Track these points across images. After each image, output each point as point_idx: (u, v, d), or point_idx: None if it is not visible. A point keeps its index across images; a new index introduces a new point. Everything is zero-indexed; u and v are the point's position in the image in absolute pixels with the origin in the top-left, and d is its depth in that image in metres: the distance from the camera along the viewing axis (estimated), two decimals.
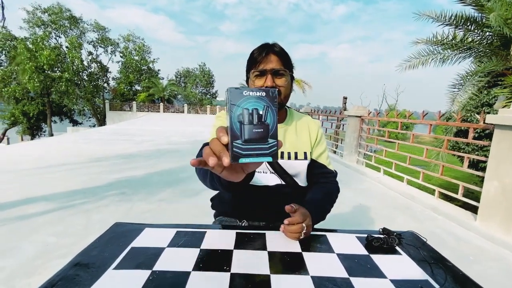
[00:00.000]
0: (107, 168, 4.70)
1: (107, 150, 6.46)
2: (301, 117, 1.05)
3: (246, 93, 0.43)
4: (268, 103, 0.44)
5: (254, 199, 0.96)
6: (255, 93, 0.43)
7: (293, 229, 0.75)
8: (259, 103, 0.44)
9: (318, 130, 1.04)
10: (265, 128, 0.44)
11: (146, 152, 6.52)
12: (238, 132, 0.43)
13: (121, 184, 3.79)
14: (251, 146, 0.44)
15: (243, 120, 0.43)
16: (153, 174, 4.44)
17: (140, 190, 3.57)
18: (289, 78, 0.91)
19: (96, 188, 3.56)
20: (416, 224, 2.93)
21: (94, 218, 2.64)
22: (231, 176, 0.52)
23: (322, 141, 1.04)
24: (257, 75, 0.89)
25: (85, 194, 3.33)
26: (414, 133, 4.13)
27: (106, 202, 3.10)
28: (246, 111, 0.43)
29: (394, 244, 0.77)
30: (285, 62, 0.89)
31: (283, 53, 0.89)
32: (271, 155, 0.45)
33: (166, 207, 3.04)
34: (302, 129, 1.02)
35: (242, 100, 0.43)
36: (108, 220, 2.58)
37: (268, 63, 0.87)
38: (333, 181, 1.02)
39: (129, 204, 3.05)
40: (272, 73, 0.87)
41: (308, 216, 0.79)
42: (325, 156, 1.03)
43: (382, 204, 3.53)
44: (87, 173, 4.32)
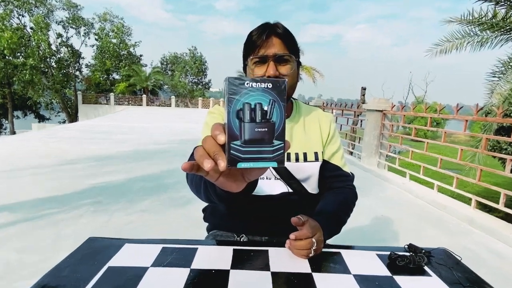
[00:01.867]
0: (80, 172, 4.71)
1: (80, 151, 6.47)
2: (310, 110, 1.05)
3: (249, 84, 0.41)
4: (275, 96, 0.42)
5: (254, 210, 0.95)
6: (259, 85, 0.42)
7: (301, 245, 0.74)
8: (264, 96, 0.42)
9: (331, 124, 1.03)
10: (270, 127, 0.43)
11: (126, 153, 6.52)
12: (237, 131, 0.42)
13: (96, 191, 3.80)
14: (253, 149, 0.42)
15: (244, 117, 0.42)
16: (134, 179, 4.45)
17: (119, 199, 3.57)
18: (295, 65, 0.90)
19: (67, 196, 3.57)
20: (449, 239, 2.92)
21: (65, 231, 2.65)
22: (229, 185, 0.50)
23: (336, 137, 1.04)
24: (257, 62, 0.88)
25: (54, 203, 3.34)
26: (446, 130, 4.12)
27: (79, 212, 3.10)
28: (247, 106, 0.42)
29: (422, 263, 0.76)
30: (290, 46, 0.88)
31: (287, 34, 0.88)
32: (276, 160, 0.43)
33: (150, 219, 3.04)
34: (311, 125, 1.01)
35: (243, 93, 0.41)
36: (81, 234, 2.58)
37: (269, 47, 0.86)
38: (349, 185, 1.01)
39: (106, 215, 3.06)
40: (274, 59, 0.86)
41: (319, 230, 0.78)
42: (339, 156, 1.03)
43: (408, 216, 3.52)
44: (56, 178, 4.33)
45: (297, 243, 0.75)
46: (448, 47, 5.25)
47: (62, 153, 6.21)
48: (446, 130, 4.11)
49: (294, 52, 0.89)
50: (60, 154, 6.09)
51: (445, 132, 4.08)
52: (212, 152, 0.43)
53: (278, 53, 0.86)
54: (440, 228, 3.19)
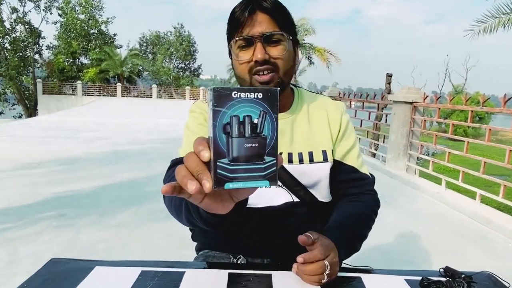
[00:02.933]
0: (40, 179, 4.71)
1: (40, 153, 6.47)
2: (316, 99, 1.05)
3: (236, 94, 0.44)
4: (266, 107, 0.45)
5: (253, 227, 0.95)
6: (248, 94, 0.44)
7: (311, 270, 0.74)
8: (254, 108, 0.45)
9: (342, 115, 1.03)
10: (261, 142, 0.46)
11: (98, 155, 6.53)
12: (224, 148, 0.44)
13: (61, 202, 3.79)
14: (241, 167, 0.45)
15: (232, 132, 0.44)
16: (108, 187, 4.45)
17: (89, 211, 3.57)
18: (289, 45, 0.89)
19: (25, 208, 3.57)
20: (495, 262, 2.92)
21: (22, 251, 2.64)
22: (215, 207, 0.52)
23: (350, 132, 1.03)
24: (242, 46, 0.88)
25: (8, 215, 3.34)
26: (492, 127, 4.11)
27: (39, 227, 3.09)
28: (235, 119, 0.44)
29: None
30: (281, 21, 0.88)
31: (277, 7, 0.88)
32: (268, 178, 0.46)
33: (126, 236, 3.03)
34: (317, 117, 1.01)
35: (230, 104, 0.44)
36: (42, 254, 2.58)
37: (255, 25, 0.85)
38: (369, 191, 1.01)
39: (72, 231, 3.05)
40: (262, 39, 0.85)
41: (333, 250, 0.78)
42: (355, 155, 1.02)
43: (444, 232, 3.51)
44: (12, 186, 4.33)
45: (306, 267, 0.74)
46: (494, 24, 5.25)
47: (19, 155, 6.22)
48: (491, 127, 4.11)
49: (286, 29, 0.89)
50: (16, 156, 6.10)
51: (490, 129, 4.08)
52: (196, 171, 0.45)
53: (266, 31, 0.85)
54: (483, 248, 3.18)
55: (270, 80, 0.87)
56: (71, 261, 0.84)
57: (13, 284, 0.75)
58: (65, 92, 26.71)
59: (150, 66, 32.40)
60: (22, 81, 26.87)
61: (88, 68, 29.13)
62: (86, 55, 30.08)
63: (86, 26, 28.80)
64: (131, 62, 30.44)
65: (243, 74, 0.89)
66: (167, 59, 34.45)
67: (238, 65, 0.89)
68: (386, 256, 2.87)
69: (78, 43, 28.40)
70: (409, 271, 0.85)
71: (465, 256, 3.00)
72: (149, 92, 29.23)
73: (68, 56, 28.94)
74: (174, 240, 2.88)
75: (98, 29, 30.09)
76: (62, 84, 27.14)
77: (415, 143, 5.72)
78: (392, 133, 5.96)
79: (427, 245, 3.16)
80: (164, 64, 33.48)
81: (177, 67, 35.63)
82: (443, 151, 4.88)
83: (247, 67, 0.87)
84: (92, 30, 29.68)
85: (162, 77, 32.66)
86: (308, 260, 0.73)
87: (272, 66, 0.87)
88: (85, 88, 27.15)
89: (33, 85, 26.66)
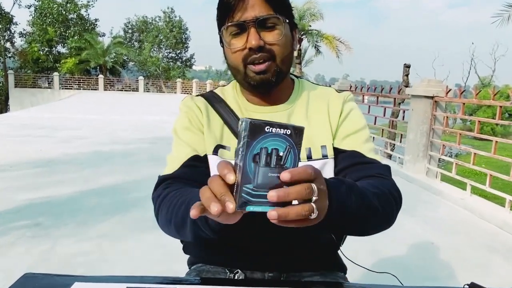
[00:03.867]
0: (12, 183, 4.70)
1: (12, 154, 6.46)
2: (318, 90, 1.06)
3: (269, 129, 0.54)
4: (292, 143, 0.56)
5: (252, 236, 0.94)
6: (278, 130, 0.55)
7: (297, 192, 0.55)
8: (281, 142, 0.55)
9: (345, 103, 1.02)
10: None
11: (77, 156, 6.52)
12: (251, 175, 0.54)
13: (35, 209, 3.79)
14: (263, 193, 0.54)
15: (259, 162, 0.55)
16: (88, 193, 4.44)
17: (67, 220, 3.56)
18: (285, 29, 0.91)
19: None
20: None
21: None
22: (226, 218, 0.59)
23: (354, 117, 1.01)
24: (234, 33, 0.89)
25: None
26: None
27: (11, 238, 3.08)
28: (264, 150, 0.54)
29: None
30: (276, 3, 0.89)
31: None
32: (284, 205, 0.56)
33: (109, 248, 3.02)
34: (317, 109, 1.01)
35: (261, 138, 0.54)
36: (14, 268, 2.56)
37: (246, 9, 0.86)
38: (381, 174, 0.92)
39: (48, 243, 3.04)
40: (256, 24, 0.86)
41: (321, 176, 0.62)
42: (360, 139, 0.97)
43: (469, 244, 3.51)
44: None
45: (290, 190, 0.54)
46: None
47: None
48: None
49: (282, 11, 0.90)
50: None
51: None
52: (220, 193, 0.54)
53: (260, 15, 0.86)
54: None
55: (266, 70, 0.88)
56: (47, 276, 0.84)
57: None
58: (40, 85, 26.74)
59: (136, 55, 32.41)
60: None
61: (66, 58, 29.15)
62: (64, 43, 30.10)
63: (63, 10, 28.84)
64: (115, 51, 30.45)
65: (236, 64, 0.91)
66: (156, 47, 34.47)
67: (230, 54, 0.91)
68: (405, 270, 2.87)
69: (55, 30, 28.42)
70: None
71: (493, 271, 3.00)
72: (135, 85, 29.24)
73: (43, 45, 28.96)
74: (163, 252, 2.87)
75: (77, 14, 30.12)
76: (36, 76, 27.16)
77: (436, 142, 5.72)
78: (411, 131, 5.96)
79: (450, 258, 3.15)
80: (152, 53, 33.50)
81: (167, 56, 35.66)
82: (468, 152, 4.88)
83: (241, 55, 0.89)
84: (70, 15, 29.71)
85: (150, 68, 32.66)
86: (292, 178, 0.54)
87: (268, 54, 0.88)
88: (63, 80, 27.16)
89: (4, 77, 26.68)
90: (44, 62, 28.91)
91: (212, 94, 1.06)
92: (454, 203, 4.69)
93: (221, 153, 0.97)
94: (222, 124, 1.00)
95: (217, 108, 1.02)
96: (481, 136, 5.52)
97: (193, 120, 1.00)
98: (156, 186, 0.94)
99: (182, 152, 0.97)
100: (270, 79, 0.90)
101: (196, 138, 0.98)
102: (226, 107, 1.01)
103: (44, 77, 27.20)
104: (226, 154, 0.97)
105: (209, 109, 1.01)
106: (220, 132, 0.99)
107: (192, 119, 1.00)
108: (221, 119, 1.00)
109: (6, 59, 27.82)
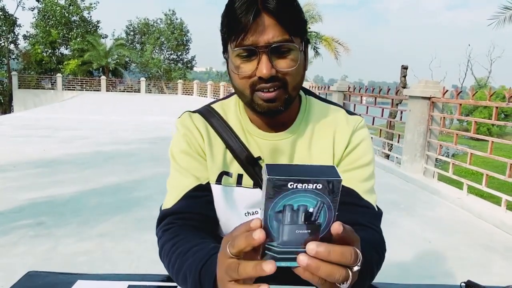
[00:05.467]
0: (15, 183, 4.71)
1: (15, 154, 6.46)
2: (326, 112, 0.96)
3: (293, 185, 0.46)
4: (326, 198, 0.48)
5: None
6: (305, 186, 0.46)
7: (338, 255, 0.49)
8: (311, 198, 0.47)
9: (354, 133, 0.93)
10: (314, 229, 0.49)
11: (79, 156, 6.52)
12: (274, 233, 0.49)
13: (38, 209, 3.79)
14: (291, 249, 0.49)
15: (283, 219, 0.48)
16: (89, 192, 4.45)
17: (69, 219, 3.57)
18: (300, 55, 0.81)
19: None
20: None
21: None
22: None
23: (361, 151, 0.93)
24: (243, 56, 0.79)
25: None
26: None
27: (14, 238, 3.09)
28: (288, 208, 0.47)
29: None
30: (292, 25, 0.79)
31: (286, 6, 0.78)
32: None
33: (111, 247, 3.03)
34: (322, 138, 0.94)
35: (284, 195, 0.46)
36: (17, 267, 2.57)
37: (259, 32, 0.76)
38: (373, 225, 0.88)
39: (50, 242, 3.05)
40: (269, 51, 0.77)
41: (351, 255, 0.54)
42: (360, 177, 0.92)
43: (466, 243, 3.51)
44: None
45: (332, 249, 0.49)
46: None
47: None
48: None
49: (298, 33, 0.80)
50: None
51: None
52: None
53: (274, 41, 0.76)
54: (510, 260, 3.18)
55: (276, 98, 0.80)
56: (50, 274, 0.84)
57: None
58: (43, 86, 26.72)
59: (138, 57, 32.40)
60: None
61: (69, 59, 29.15)
62: (66, 45, 30.09)
63: (66, 12, 28.82)
64: (117, 53, 30.45)
65: (243, 89, 0.82)
66: (157, 49, 34.46)
67: (236, 78, 0.82)
68: (402, 269, 2.87)
69: (58, 32, 28.41)
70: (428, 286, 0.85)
71: (490, 269, 3.00)
72: (137, 86, 29.25)
73: (46, 46, 28.95)
74: None
75: (80, 16, 30.11)
76: (40, 77, 27.15)
77: (433, 143, 5.72)
78: (408, 131, 5.96)
79: (447, 257, 3.16)
80: (153, 55, 33.49)
81: (168, 58, 35.65)
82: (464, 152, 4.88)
83: (248, 82, 0.80)
84: (73, 17, 29.70)
85: (152, 70, 32.67)
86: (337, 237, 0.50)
87: (280, 82, 0.79)
88: (66, 81, 27.16)
89: (8, 78, 26.69)
90: (47, 64, 28.92)
91: (211, 112, 0.96)
92: (451, 203, 4.70)
93: (225, 180, 0.92)
94: (224, 149, 0.92)
95: (218, 131, 0.93)
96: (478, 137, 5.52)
97: (192, 144, 0.92)
98: (158, 222, 0.91)
99: (183, 183, 0.91)
100: (278, 108, 0.82)
101: (196, 164, 0.92)
102: (228, 129, 0.93)
103: (47, 78, 27.20)
104: (229, 181, 0.92)
105: (210, 132, 0.93)
106: (223, 158, 0.92)
107: (191, 143, 0.92)
108: (223, 144, 0.92)
109: (10, 60, 27.83)
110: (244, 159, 0.90)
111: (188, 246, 0.77)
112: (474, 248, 3.39)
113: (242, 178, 0.91)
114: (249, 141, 0.92)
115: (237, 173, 0.92)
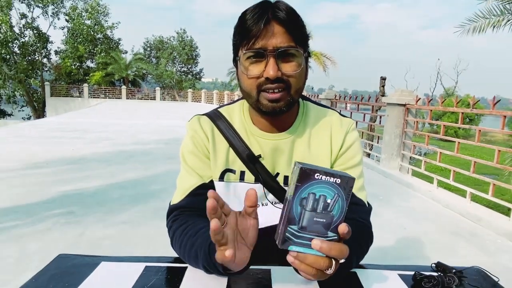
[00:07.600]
0: (49, 178, 4.71)
1: (48, 153, 6.47)
2: (322, 115, 0.94)
3: (319, 176, 0.50)
4: (341, 192, 0.51)
5: None
6: (328, 178, 0.50)
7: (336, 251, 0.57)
8: (330, 190, 0.51)
9: (347, 134, 0.92)
10: (328, 219, 0.52)
11: (104, 155, 6.52)
12: (296, 217, 0.51)
13: (68, 200, 3.80)
14: (306, 235, 0.52)
15: (306, 205, 0.51)
16: (113, 186, 4.45)
17: (95, 209, 3.58)
18: (303, 61, 0.80)
19: (34, 206, 3.57)
20: (485, 258, 2.93)
21: (31, 247, 2.65)
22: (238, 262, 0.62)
23: (353, 151, 0.92)
24: (252, 58, 0.78)
25: (18, 213, 3.34)
26: (481, 128, 4.11)
27: (47, 225, 3.10)
28: (312, 196, 0.51)
29: (452, 285, 0.77)
30: (297, 35, 0.78)
31: (294, 19, 0.78)
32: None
33: (131, 233, 3.04)
34: (319, 137, 0.92)
35: (310, 184, 0.50)
36: (50, 250, 2.59)
37: (268, 38, 0.76)
38: (363, 219, 0.89)
39: (79, 228, 3.06)
40: (276, 55, 0.76)
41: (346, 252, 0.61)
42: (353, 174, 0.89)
43: (436, 229, 3.52)
44: (21, 185, 4.33)
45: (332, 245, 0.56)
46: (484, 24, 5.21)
47: (27, 155, 6.21)
48: (480, 128, 4.11)
49: (302, 43, 0.80)
50: (25, 156, 6.09)
51: (480, 130, 4.08)
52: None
53: (281, 46, 0.76)
54: (473, 244, 3.19)
55: (280, 99, 0.79)
56: (78, 257, 0.84)
57: (22, 278, 0.75)
58: (72, 95, 26.71)
59: (154, 69, 32.40)
60: (31, 84, 26.87)
61: (94, 71, 29.15)
62: (92, 59, 30.09)
63: (92, 31, 28.79)
64: (136, 66, 30.45)
65: (250, 89, 0.80)
66: (170, 63, 34.47)
67: (245, 78, 0.80)
68: (381, 252, 2.87)
69: (85, 48, 28.39)
70: (402, 266, 0.85)
71: (456, 252, 3.01)
72: (153, 95, 29.25)
73: (75, 60, 28.94)
74: None
75: (103, 34, 30.09)
76: (69, 87, 27.15)
77: (408, 143, 5.72)
78: (386, 134, 5.97)
79: (420, 241, 3.17)
80: (167, 67, 33.49)
81: (180, 70, 35.65)
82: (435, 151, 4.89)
83: (256, 82, 0.78)
84: (98, 35, 29.68)
85: (165, 80, 32.68)
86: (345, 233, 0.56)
87: (284, 84, 0.78)
88: (91, 90, 27.15)
89: (42, 87, 26.66)
90: (75, 75, 28.91)
91: (218, 115, 0.94)
92: (423, 195, 4.70)
93: (227, 177, 0.90)
94: (227, 147, 0.90)
95: (222, 131, 0.91)
96: (446, 138, 5.53)
97: (199, 145, 0.90)
98: (168, 214, 0.90)
99: (189, 181, 0.89)
100: (282, 108, 0.80)
101: (201, 164, 0.90)
102: (231, 129, 0.91)
103: (76, 87, 27.18)
104: (232, 177, 0.90)
105: (215, 132, 0.91)
106: (226, 156, 0.90)
107: (197, 143, 0.90)
108: (226, 142, 0.90)
109: (43, 72, 27.81)
110: (246, 157, 0.89)
111: (196, 229, 0.78)
112: (443, 234, 3.39)
113: (245, 174, 0.90)
114: (251, 141, 0.90)
115: (240, 170, 0.90)
